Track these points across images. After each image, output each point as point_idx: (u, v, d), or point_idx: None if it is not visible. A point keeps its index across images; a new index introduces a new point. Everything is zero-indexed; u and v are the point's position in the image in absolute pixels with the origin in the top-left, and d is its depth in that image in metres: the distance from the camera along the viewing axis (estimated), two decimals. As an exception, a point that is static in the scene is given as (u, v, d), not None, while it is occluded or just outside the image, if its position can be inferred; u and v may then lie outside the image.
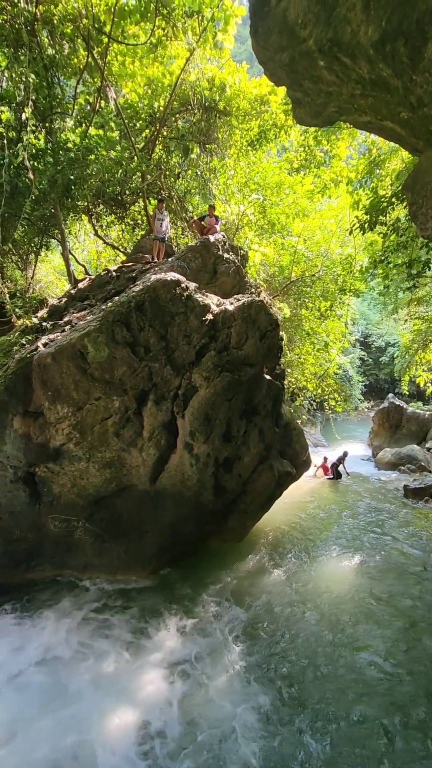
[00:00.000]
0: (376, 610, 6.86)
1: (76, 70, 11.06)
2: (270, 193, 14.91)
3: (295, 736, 4.64)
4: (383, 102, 4.97)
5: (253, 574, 8.10)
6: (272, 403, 9.19)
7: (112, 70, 11.79)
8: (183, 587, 7.61)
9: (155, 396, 7.54)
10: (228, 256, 9.60)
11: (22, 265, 13.19)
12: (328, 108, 5.80)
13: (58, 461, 7.52)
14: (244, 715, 4.89)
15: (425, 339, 19.01)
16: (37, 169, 9.75)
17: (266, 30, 5.27)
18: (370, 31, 4.06)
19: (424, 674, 5.47)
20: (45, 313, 9.31)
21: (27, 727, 4.77)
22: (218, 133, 13.25)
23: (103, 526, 7.81)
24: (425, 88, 4.21)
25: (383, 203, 10.63)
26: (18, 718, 4.91)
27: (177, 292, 7.46)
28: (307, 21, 4.58)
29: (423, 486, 13.37)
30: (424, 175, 5.37)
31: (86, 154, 10.54)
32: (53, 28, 10.07)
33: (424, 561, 8.55)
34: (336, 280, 16.25)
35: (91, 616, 6.80)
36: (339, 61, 4.67)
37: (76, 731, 4.69)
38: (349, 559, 8.71)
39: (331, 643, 6.08)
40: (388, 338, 37.52)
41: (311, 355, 17.80)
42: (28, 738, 4.63)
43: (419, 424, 21.21)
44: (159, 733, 4.69)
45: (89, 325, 7.14)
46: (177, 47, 11.62)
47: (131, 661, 5.78)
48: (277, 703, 5.08)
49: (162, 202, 11.33)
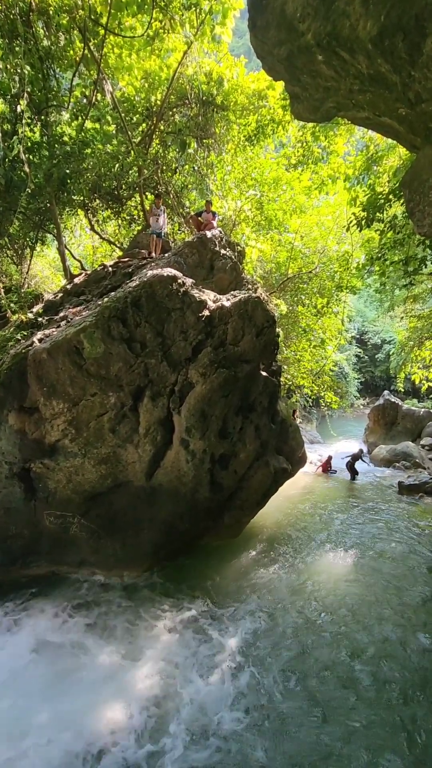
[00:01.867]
0: (373, 604, 6.90)
1: (72, 62, 10.93)
2: (267, 189, 14.86)
3: (290, 729, 4.67)
4: (381, 98, 4.95)
5: (249, 570, 8.13)
6: (268, 400, 9.20)
7: (109, 62, 11.65)
8: (179, 583, 7.62)
9: (151, 392, 7.53)
10: (225, 252, 9.56)
11: (17, 259, 13.10)
12: (327, 103, 5.77)
13: (53, 457, 7.50)
14: (239, 710, 4.93)
15: (421, 336, 19.08)
16: (33, 163, 9.66)
17: (265, 23, 5.23)
18: (368, 26, 4.03)
19: (416, 667, 5.53)
20: (40, 309, 9.25)
21: (22, 722, 4.77)
22: (216, 127, 13.15)
23: (99, 522, 7.80)
24: (423, 84, 4.19)
25: (380, 200, 10.63)
26: (13, 713, 4.91)
27: (173, 287, 7.43)
28: (305, 15, 4.55)
29: (417, 482, 13.46)
30: (422, 172, 5.35)
31: (82, 147, 10.46)
32: (49, 19, 9.93)
33: (419, 556, 8.61)
34: (333, 277, 16.27)
35: (86, 612, 6.80)
36: (337, 56, 4.64)
37: (71, 726, 4.70)
38: (344, 554, 8.76)
39: (328, 638, 6.12)
40: (384, 335, 37.69)
41: (307, 352, 17.84)
42: (24, 732, 4.64)
43: (414, 421, 21.33)
44: (154, 729, 4.71)
45: (85, 320, 7.10)
46: (174, 40, 11.50)
47: (127, 656, 5.79)
48: (274, 699, 5.11)
49: (159, 197, 11.23)
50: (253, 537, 9.54)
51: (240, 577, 7.90)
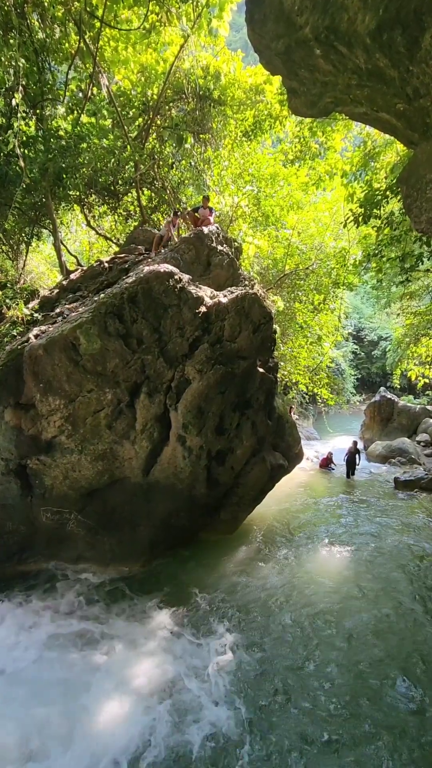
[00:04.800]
0: (370, 599, 6.95)
1: (67, 55, 10.80)
2: (264, 184, 14.78)
3: (285, 725, 4.71)
4: (379, 93, 4.92)
5: (245, 566, 8.16)
6: (265, 396, 9.21)
7: (105, 56, 11.52)
8: (175, 579, 7.64)
9: (148, 388, 7.51)
10: (222, 248, 9.53)
11: (12, 255, 12.98)
12: (324, 98, 5.73)
13: (50, 453, 7.48)
14: (235, 707, 4.95)
15: (417, 333, 19.12)
16: (28, 157, 9.55)
17: (262, 17, 5.18)
18: (367, 20, 4.00)
19: (413, 659, 5.58)
20: (36, 305, 9.20)
21: (20, 719, 4.78)
22: (212, 122, 13.06)
23: (96, 518, 7.80)
24: (422, 79, 4.17)
25: (378, 196, 10.61)
26: (10, 710, 4.92)
27: (170, 283, 7.40)
28: (303, 8, 4.51)
29: (413, 478, 13.56)
30: (419, 168, 5.34)
31: (78, 142, 10.35)
32: (44, 11, 9.80)
33: (415, 551, 8.67)
34: (330, 273, 16.24)
35: (83, 608, 6.82)
36: (335, 50, 4.61)
37: (68, 722, 4.71)
38: (340, 549, 8.81)
39: (323, 634, 6.15)
40: (380, 332, 37.76)
41: (304, 349, 17.83)
42: (22, 729, 4.64)
43: (410, 417, 21.44)
44: (151, 726, 4.71)
45: (81, 316, 7.07)
46: (171, 34, 11.39)
47: (123, 652, 5.80)
48: (270, 696, 5.14)
49: (177, 215, 10.77)
50: (249, 532, 9.57)
51: (237, 572, 7.93)
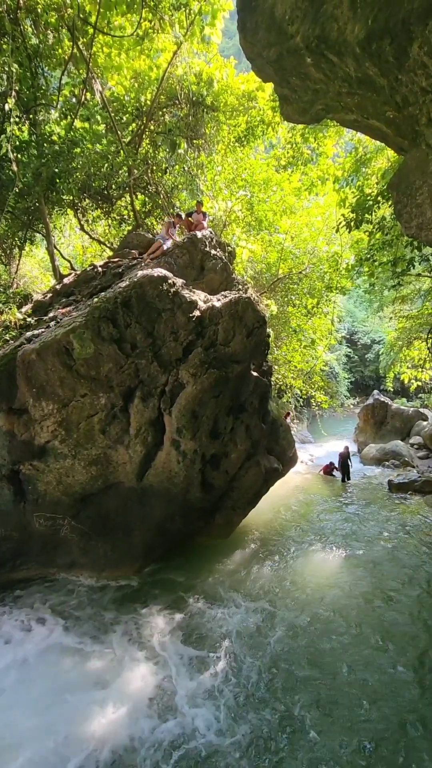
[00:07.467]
0: (365, 599, 6.96)
1: (60, 60, 10.84)
2: (257, 189, 14.90)
3: (281, 725, 4.70)
4: (369, 101, 5.00)
5: (240, 570, 8.14)
6: (259, 400, 9.23)
7: (98, 61, 11.58)
8: (170, 584, 7.61)
9: (142, 393, 7.50)
10: (215, 253, 9.57)
11: (5, 259, 12.96)
12: (316, 105, 5.81)
13: (43, 459, 7.43)
14: (229, 707, 4.94)
15: (410, 336, 19.28)
16: (21, 162, 9.56)
17: (254, 25, 5.26)
18: (356, 29, 4.07)
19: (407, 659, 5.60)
20: (29, 309, 9.16)
21: (14, 725, 4.72)
22: (206, 128, 13.14)
23: (90, 523, 7.75)
24: (410, 88, 4.25)
25: (369, 201, 10.74)
26: (4, 716, 4.86)
27: (164, 288, 7.42)
28: (294, 17, 4.59)
29: (407, 481, 13.62)
30: (409, 175, 5.42)
31: (71, 147, 10.38)
32: (37, 17, 9.83)
33: (409, 552, 8.71)
34: (323, 277, 16.36)
35: (77, 614, 6.76)
36: (326, 59, 4.68)
37: (63, 728, 4.66)
38: (335, 552, 8.82)
39: (318, 636, 6.15)
40: (373, 335, 38.04)
41: (298, 352, 17.92)
42: (16, 735, 4.59)
43: (403, 420, 21.57)
44: (146, 730, 4.69)
45: (75, 321, 7.06)
46: (164, 40, 11.48)
47: (118, 657, 5.76)
48: (266, 695, 5.13)
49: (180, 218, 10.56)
50: (244, 536, 9.56)
51: (231, 576, 7.92)
